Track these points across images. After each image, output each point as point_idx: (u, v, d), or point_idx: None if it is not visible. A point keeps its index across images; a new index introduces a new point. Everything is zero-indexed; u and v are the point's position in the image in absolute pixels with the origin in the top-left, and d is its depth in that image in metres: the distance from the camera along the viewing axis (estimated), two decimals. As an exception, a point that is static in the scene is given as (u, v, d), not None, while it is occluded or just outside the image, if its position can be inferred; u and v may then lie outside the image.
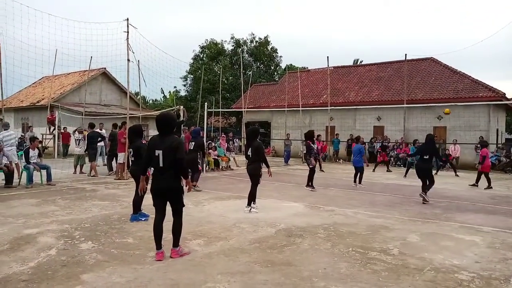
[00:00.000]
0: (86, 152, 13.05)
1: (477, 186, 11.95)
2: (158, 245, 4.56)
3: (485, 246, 5.37)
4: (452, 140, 18.77)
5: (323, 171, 15.65)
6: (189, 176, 4.56)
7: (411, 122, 20.93)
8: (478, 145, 17.79)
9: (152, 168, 4.90)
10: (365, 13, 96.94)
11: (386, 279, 4.06)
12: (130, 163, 6.67)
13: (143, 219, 6.38)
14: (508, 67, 62.33)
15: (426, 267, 4.45)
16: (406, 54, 21.94)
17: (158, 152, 4.44)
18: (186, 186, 4.75)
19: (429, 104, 19.91)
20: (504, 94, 19.59)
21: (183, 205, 4.66)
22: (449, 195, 10.24)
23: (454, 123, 19.76)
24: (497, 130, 21.42)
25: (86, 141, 13.09)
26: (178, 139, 4.66)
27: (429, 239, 5.67)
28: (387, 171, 16.83)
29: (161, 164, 4.45)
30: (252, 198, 7.47)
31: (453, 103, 18.60)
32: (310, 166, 10.68)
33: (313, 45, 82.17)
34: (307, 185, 10.69)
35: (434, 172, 10.12)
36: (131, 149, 6.62)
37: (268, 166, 7.54)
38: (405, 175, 14.42)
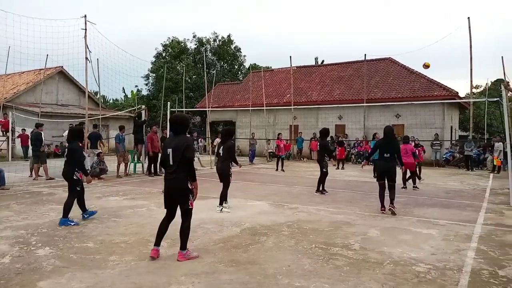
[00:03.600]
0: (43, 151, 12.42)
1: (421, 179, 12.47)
2: (157, 242, 4.61)
3: (441, 239, 5.63)
4: (411, 137, 19.44)
5: (283, 171, 15.81)
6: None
7: (371, 121, 21.58)
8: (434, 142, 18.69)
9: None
10: (326, 13, 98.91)
11: (348, 273, 4.17)
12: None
13: (72, 223, 6.14)
14: (459, 67, 65.64)
15: (386, 260, 4.61)
16: (365, 54, 22.65)
17: (169, 151, 4.52)
18: (193, 188, 4.67)
19: (387, 103, 20.59)
20: (457, 93, 20.62)
21: (191, 207, 4.62)
22: (407, 190, 10.64)
23: (411, 121, 20.56)
24: (451, 127, 22.49)
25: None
26: (188, 138, 4.75)
27: (388, 234, 5.87)
28: (341, 168, 17.07)
29: (171, 163, 4.51)
30: (224, 197, 7.56)
31: (409, 102, 19.34)
32: (324, 170, 9.81)
33: (276, 45, 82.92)
34: (318, 190, 9.80)
35: None
36: (65, 150, 6.58)
37: (237, 164, 8.04)
38: (374, 175, 14.24)
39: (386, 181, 7.51)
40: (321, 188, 9.80)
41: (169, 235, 5.57)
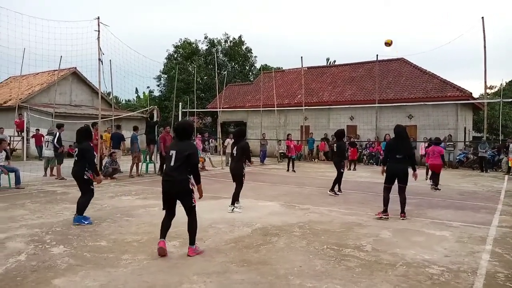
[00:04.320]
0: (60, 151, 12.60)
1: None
2: (162, 234, 4.77)
3: (454, 241, 5.56)
4: (422, 138, 19.27)
5: (294, 171, 15.78)
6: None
7: (383, 121, 21.41)
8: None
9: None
10: (337, 14, 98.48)
11: (360, 275, 4.14)
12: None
13: (86, 222, 6.20)
14: (473, 67, 64.72)
15: (398, 262, 4.57)
16: (377, 55, 22.47)
17: (172, 152, 4.68)
18: (197, 190, 4.90)
19: (399, 104, 20.42)
20: (471, 93, 20.34)
21: (193, 203, 4.81)
22: (420, 192, 10.52)
23: (424, 122, 20.35)
24: (465, 128, 22.19)
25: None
26: (193, 145, 4.94)
27: (401, 235, 5.82)
28: (353, 169, 17.00)
29: (172, 164, 4.65)
30: (236, 197, 7.58)
31: (422, 103, 19.14)
32: (342, 170, 9.78)
33: (287, 46, 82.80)
34: (332, 190, 9.68)
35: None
36: (76, 150, 6.64)
37: (250, 161, 8.04)
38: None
39: (394, 184, 7.13)
40: (336, 189, 9.74)
41: (181, 235, 5.62)
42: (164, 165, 5.28)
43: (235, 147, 7.70)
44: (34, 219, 6.52)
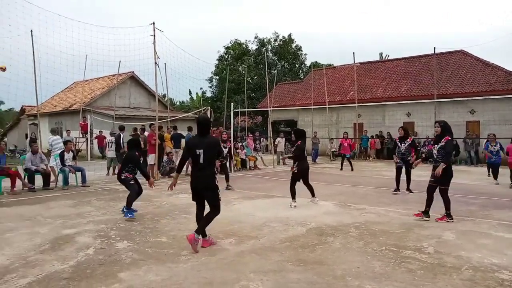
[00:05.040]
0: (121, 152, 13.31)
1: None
2: (202, 233, 4.98)
3: (526, 244, 5.17)
4: (486, 135, 18.03)
5: (352, 170, 15.41)
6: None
7: (443, 117, 20.14)
8: None
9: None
10: (390, 6, 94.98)
11: (422, 278, 3.97)
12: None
13: (130, 215, 6.61)
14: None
15: (464, 266, 4.33)
16: (435, 48, 21.38)
17: (199, 151, 4.84)
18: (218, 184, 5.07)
19: (460, 98, 19.29)
20: (541, 85, 18.75)
21: (219, 201, 5.04)
22: (485, 191, 9.90)
23: (488, 117, 19.07)
24: (535, 123, 20.52)
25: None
26: (216, 139, 5.31)
27: (465, 237, 5.51)
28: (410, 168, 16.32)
29: (201, 161, 4.85)
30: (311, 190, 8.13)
31: (486, 97, 17.97)
32: (410, 168, 9.62)
33: (338, 42, 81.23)
34: (407, 189, 9.62)
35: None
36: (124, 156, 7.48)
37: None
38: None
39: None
40: (408, 187, 9.62)
41: (236, 232, 5.72)
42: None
43: (304, 147, 8.02)
44: (100, 216, 6.94)
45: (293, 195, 7.85)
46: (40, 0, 11.24)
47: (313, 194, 8.13)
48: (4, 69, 11.63)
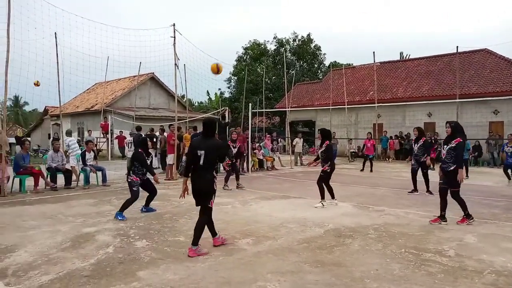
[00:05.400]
0: None
1: None
2: (212, 233, 5.07)
3: (552, 249, 5.00)
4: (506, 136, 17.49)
5: (371, 171, 15.24)
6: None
7: (465, 118, 19.88)
8: None
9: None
10: (409, 5, 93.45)
11: (443, 281, 3.89)
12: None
13: (119, 218, 6.63)
14: None
15: (486, 269, 4.22)
16: (457, 47, 20.90)
17: (201, 152, 4.76)
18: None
19: (484, 98, 18.82)
20: None
21: (211, 205, 4.94)
22: (508, 193, 9.64)
23: (512, 117, 18.56)
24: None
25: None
26: (220, 141, 5.24)
27: (487, 241, 5.37)
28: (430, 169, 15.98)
29: (201, 163, 4.75)
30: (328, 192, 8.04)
31: (510, 96, 17.47)
32: (424, 171, 9.49)
33: (358, 41, 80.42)
34: (427, 191, 9.43)
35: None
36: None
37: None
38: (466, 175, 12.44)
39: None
40: (427, 189, 9.40)
41: (254, 232, 5.72)
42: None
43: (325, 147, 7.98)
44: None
45: (326, 194, 7.95)
46: (62, 2, 11.51)
47: (332, 196, 8.07)
48: (38, 84, 12.23)
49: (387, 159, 21.57)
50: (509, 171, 11.40)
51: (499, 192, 9.84)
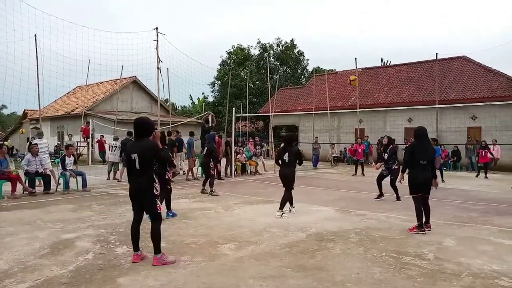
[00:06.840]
0: (121, 158, 13.33)
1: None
2: (135, 247, 4.68)
3: (527, 251, 5.14)
4: (491, 141, 17.99)
5: (363, 175, 15.74)
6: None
7: (444, 123, 20.36)
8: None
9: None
10: (390, 13, 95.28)
11: (422, 284, 3.96)
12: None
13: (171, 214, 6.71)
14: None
15: (464, 272, 4.31)
16: (437, 54, 21.43)
17: (134, 156, 4.46)
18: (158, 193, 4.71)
19: (462, 104, 19.30)
20: (543, 91, 18.74)
21: (160, 210, 4.67)
22: (485, 197, 9.87)
23: (489, 123, 19.03)
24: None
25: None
26: (153, 142, 4.78)
27: (465, 244, 5.49)
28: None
29: (137, 167, 4.47)
30: (285, 203, 7.46)
31: (487, 103, 17.96)
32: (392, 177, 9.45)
33: (340, 48, 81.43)
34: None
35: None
36: None
37: (301, 164, 7.98)
38: (442, 180, 12.92)
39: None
40: (397, 197, 9.28)
41: (236, 238, 5.70)
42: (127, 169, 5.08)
43: (286, 152, 7.51)
44: (100, 220, 6.93)
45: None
46: (43, 4, 11.32)
47: (281, 207, 7.45)
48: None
49: (369, 163, 21.81)
50: None
51: (477, 196, 10.07)
